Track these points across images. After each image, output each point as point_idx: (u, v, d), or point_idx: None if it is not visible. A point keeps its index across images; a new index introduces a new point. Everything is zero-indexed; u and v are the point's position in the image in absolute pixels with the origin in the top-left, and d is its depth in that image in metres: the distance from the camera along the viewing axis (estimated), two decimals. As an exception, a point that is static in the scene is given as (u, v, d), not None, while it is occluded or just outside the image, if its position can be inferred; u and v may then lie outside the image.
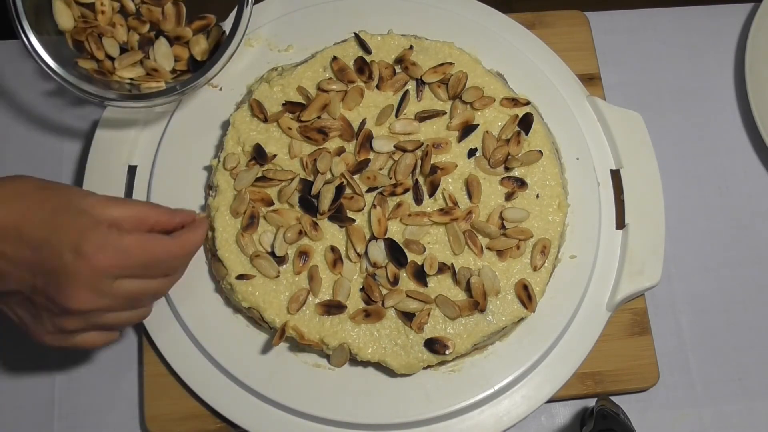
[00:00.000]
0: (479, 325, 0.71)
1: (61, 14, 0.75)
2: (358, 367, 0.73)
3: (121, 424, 0.76)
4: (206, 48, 0.77)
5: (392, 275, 0.71)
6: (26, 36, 0.70)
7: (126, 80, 0.76)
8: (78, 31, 0.75)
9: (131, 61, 0.76)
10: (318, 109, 0.76)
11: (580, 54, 0.87)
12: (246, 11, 0.74)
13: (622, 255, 0.78)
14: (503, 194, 0.75)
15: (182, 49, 0.78)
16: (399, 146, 0.75)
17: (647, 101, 0.89)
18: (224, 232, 0.73)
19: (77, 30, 0.75)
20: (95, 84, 0.73)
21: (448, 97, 0.78)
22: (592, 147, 0.81)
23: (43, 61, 0.71)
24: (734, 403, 0.79)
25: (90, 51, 0.75)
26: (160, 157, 0.78)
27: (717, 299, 0.83)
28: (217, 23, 0.79)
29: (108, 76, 0.75)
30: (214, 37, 0.78)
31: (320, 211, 0.73)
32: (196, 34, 0.78)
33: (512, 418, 0.73)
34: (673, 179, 0.86)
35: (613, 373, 0.77)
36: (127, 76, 0.76)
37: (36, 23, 0.72)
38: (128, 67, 0.76)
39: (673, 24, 0.93)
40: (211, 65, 0.74)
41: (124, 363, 0.78)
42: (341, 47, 0.79)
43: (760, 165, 0.88)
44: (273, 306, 0.71)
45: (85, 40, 0.75)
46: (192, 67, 0.77)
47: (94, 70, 0.75)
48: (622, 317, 0.79)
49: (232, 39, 0.74)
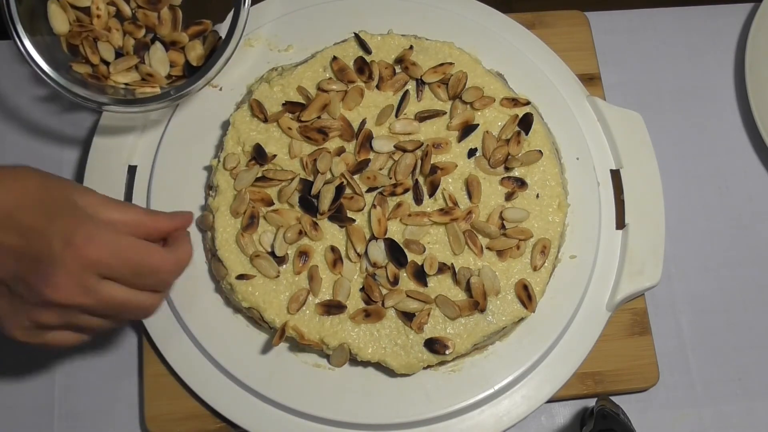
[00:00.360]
0: (479, 325, 0.71)
1: (56, 18, 0.74)
2: (358, 367, 0.73)
3: (121, 424, 0.76)
4: (202, 53, 0.77)
5: (392, 275, 0.71)
6: (20, 40, 0.70)
7: (121, 85, 0.75)
8: (73, 35, 0.75)
9: (126, 66, 0.76)
10: (318, 109, 0.76)
11: (580, 54, 0.87)
12: (242, 15, 0.74)
13: (622, 255, 0.78)
14: (503, 194, 0.75)
15: (178, 54, 0.77)
16: (399, 146, 0.75)
17: (647, 101, 0.89)
18: (224, 232, 0.73)
19: (72, 34, 0.75)
20: (90, 88, 0.72)
21: (448, 97, 0.78)
22: (592, 147, 0.81)
23: (37, 65, 0.70)
24: (734, 403, 0.79)
25: (84, 55, 0.75)
26: (160, 157, 0.78)
27: (717, 299, 0.83)
28: (214, 29, 0.78)
29: (103, 80, 0.75)
30: (210, 42, 0.77)
31: (320, 211, 0.73)
32: (192, 39, 0.77)
33: (512, 418, 0.73)
34: (673, 179, 0.86)
35: (613, 373, 0.77)
36: (121, 80, 0.75)
37: (30, 26, 0.71)
38: (123, 72, 0.76)
39: (673, 24, 0.93)
40: (206, 70, 0.73)
41: (124, 363, 0.78)
42: (341, 47, 0.79)
43: (760, 165, 0.88)
44: (273, 306, 0.71)
45: (80, 45, 0.75)
46: (187, 72, 0.77)
47: (88, 75, 0.74)
48: (622, 317, 0.79)
49: (228, 44, 0.73)
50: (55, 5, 0.74)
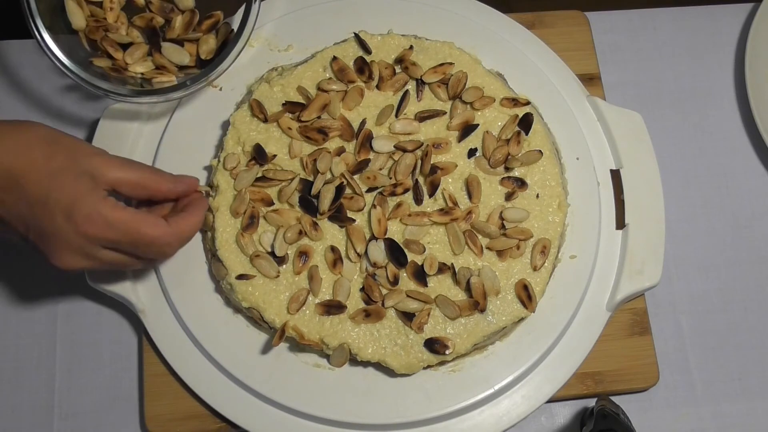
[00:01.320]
0: (479, 325, 0.71)
1: (73, 14, 0.75)
2: (358, 367, 0.73)
3: (121, 424, 0.76)
4: (213, 48, 0.78)
5: (392, 275, 0.71)
6: (41, 35, 0.71)
7: (138, 75, 0.76)
8: (91, 30, 0.76)
9: (140, 55, 0.77)
10: (318, 109, 0.76)
11: (580, 54, 0.87)
12: (254, 6, 0.75)
13: (622, 255, 0.78)
14: (503, 194, 0.75)
15: (191, 45, 0.78)
16: (399, 146, 0.75)
17: (647, 101, 0.89)
18: (224, 232, 0.73)
19: (90, 29, 0.76)
20: (111, 81, 0.73)
21: (448, 97, 0.78)
22: (592, 147, 0.81)
23: (58, 59, 0.71)
24: (734, 403, 0.79)
25: (104, 49, 0.76)
26: (161, 156, 0.78)
27: (717, 299, 0.83)
28: (226, 21, 0.79)
29: (123, 72, 0.76)
30: (223, 34, 0.78)
31: (320, 211, 0.73)
32: (205, 33, 0.78)
33: (512, 418, 0.73)
34: (673, 179, 0.86)
35: (613, 373, 0.77)
36: (138, 70, 0.76)
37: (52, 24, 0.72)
38: (140, 61, 0.77)
39: (673, 24, 0.93)
40: (220, 61, 0.74)
41: (124, 363, 0.78)
42: (341, 47, 0.79)
43: (760, 165, 0.88)
44: (273, 306, 0.71)
45: (100, 41, 0.76)
46: (199, 65, 0.77)
47: (109, 68, 0.76)
48: (622, 317, 0.79)
49: (241, 34, 0.74)
50: (72, 1, 0.75)
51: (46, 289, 0.79)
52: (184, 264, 0.74)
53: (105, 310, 0.79)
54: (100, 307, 0.79)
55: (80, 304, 0.79)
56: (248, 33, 0.75)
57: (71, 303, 0.79)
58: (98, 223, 0.61)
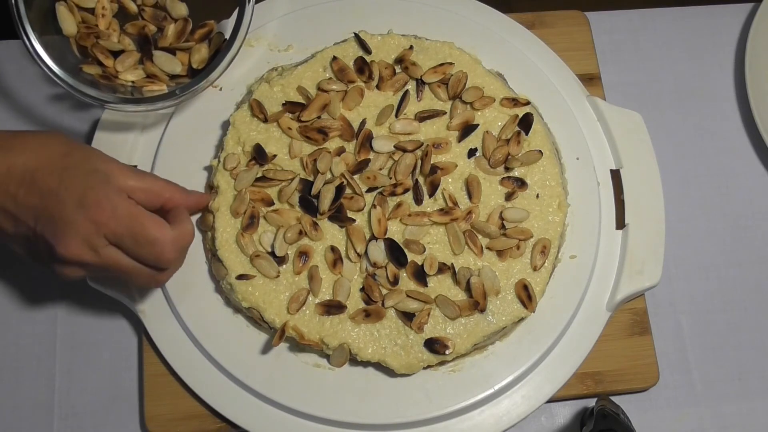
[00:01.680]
0: (479, 325, 0.71)
1: (64, 20, 0.75)
2: (358, 367, 0.73)
3: (121, 424, 0.76)
4: (205, 57, 0.77)
5: (392, 275, 0.71)
6: (30, 42, 0.71)
7: (129, 83, 0.76)
8: (82, 37, 0.75)
9: (131, 62, 0.76)
10: (318, 109, 0.76)
11: (580, 54, 0.87)
12: (246, 15, 0.74)
13: (622, 255, 0.78)
14: (503, 194, 0.75)
15: (183, 54, 0.77)
16: (399, 146, 0.75)
17: (647, 101, 0.89)
18: (224, 232, 0.73)
19: (81, 35, 0.75)
20: (101, 89, 0.73)
21: (448, 97, 0.78)
22: (592, 147, 0.81)
23: (47, 67, 0.71)
24: (734, 403, 0.79)
25: (95, 56, 0.76)
26: (161, 157, 0.78)
27: (717, 299, 0.83)
28: (219, 31, 0.78)
29: (113, 80, 0.76)
30: (215, 43, 0.77)
31: (320, 211, 0.73)
32: (198, 43, 0.78)
33: (512, 418, 0.73)
34: (673, 179, 0.86)
35: (613, 373, 0.77)
36: (129, 78, 0.76)
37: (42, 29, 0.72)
38: (130, 69, 0.76)
39: (673, 24, 0.93)
40: (211, 70, 0.73)
41: (124, 363, 0.78)
42: (341, 47, 0.79)
43: (760, 165, 0.88)
44: (273, 306, 0.71)
45: (90, 47, 0.75)
46: (190, 72, 0.77)
47: (99, 75, 0.75)
48: (622, 317, 0.79)
49: (232, 44, 0.74)
50: (63, 7, 0.75)
51: (46, 290, 0.79)
52: (184, 264, 0.74)
53: (105, 311, 0.79)
54: (100, 308, 0.79)
55: (80, 304, 0.79)
56: (240, 42, 0.74)
57: (71, 303, 0.79)
58: (107, 210, 0.62)
